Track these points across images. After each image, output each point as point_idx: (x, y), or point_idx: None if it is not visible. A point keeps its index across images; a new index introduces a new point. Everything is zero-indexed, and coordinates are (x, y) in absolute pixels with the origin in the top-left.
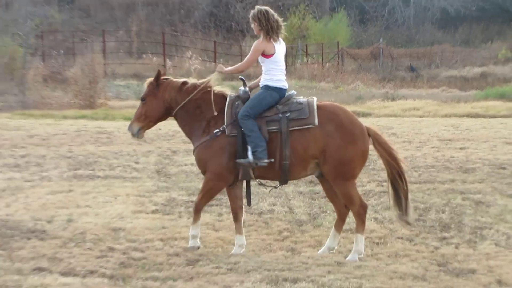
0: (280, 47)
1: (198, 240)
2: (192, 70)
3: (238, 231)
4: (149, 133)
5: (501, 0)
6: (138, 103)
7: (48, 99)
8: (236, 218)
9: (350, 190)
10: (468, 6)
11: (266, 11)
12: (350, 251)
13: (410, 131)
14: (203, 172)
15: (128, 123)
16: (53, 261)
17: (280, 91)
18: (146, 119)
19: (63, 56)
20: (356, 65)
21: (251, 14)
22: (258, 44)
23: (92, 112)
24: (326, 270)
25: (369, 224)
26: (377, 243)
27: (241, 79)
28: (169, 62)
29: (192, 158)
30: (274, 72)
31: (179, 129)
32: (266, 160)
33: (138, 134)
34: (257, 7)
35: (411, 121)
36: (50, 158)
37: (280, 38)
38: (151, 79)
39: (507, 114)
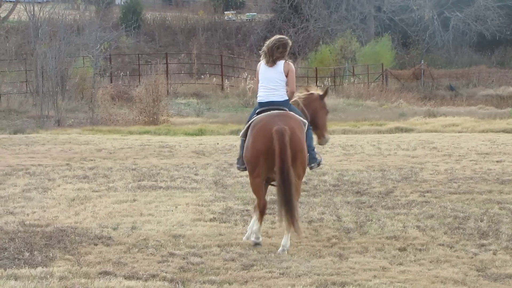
0: (267, 69)
1: None
2: (247, 89)
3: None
4: (208, 147)
5: None
6: (197, 119)
7: (115, 116)
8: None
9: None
10: (503, 30)
11: (269, 39)
12: (395, 256)
13: (450, 146)
14: None
15: (188, 138)
16: (117, 266)
17: (259, 104)
18: None
19: (129, 77)
20: (399, 85)
21: None
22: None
23: (155, 128)
24: (372, 274)
25: (412, 231)
26: (420, 250)
27: None
28: (226, 82)
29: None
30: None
31: (235, 143)
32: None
33: None
34: None
35: (451, 136)
36: (116, 170)
37: (279, 60)
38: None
39: None
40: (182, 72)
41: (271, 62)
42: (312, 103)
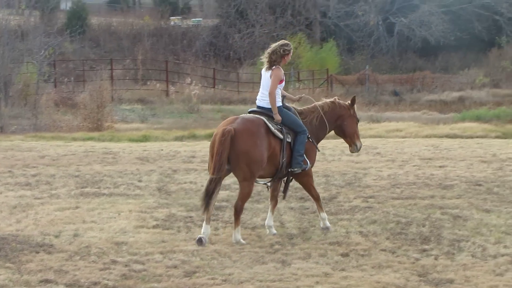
0: (265, 73)
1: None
2: (192, 95)
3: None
4: (152, 153)
5: (477, 30)
6: (142, 125)
7: (59, 122)
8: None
9: None
10: (447, 36)
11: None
12: (337, 262)
13: (393, 151)
14: None
15: (132, 144)
16: (59, 273)
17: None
18: None
19: (74, 83)
20: (344, 90)
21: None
22: None
23: (99, 134)
24: (314, 280)
25: (354, 237)
26: (362, 255)
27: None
28: (171, 88)
29: (192, 176)
30: None
31: (180, 149)
32: None
33: None
34: None
35: (395, 142)
36: (59, 177)
37: (273, 66)
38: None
39: (482, 135)
40: (127, 78)
41: (267, 67)
42: (336, 110)
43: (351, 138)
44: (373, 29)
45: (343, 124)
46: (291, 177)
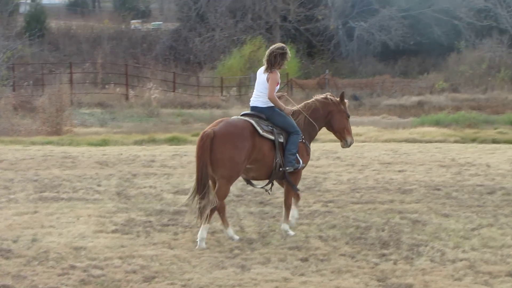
0: (261, 75)
1: None
2: (152, 99)
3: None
4: (111, 157)
5: (436, 35)
6: (101, 129)
7: (18, 126)
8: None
9: None
10: (407, 40)
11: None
12: (297, 267)
13: (353, 155)
14: None
15: (92, 148)
16: (17, 279)
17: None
18: None
19: (33, 87)
20: (304, 94)
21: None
22: None
23: (58, 138)
24: (273, 285)
25: (314, 242)
26: (321, 260)
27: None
28: (131, 92)
29: (151, 181)
30: None
31: (139, 153)
32: None
33: None
34: None
35: (354, 146)
36: (18, 182)
37: (272, 68)
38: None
39: (441, 139)
40: (87, 81)
41: (266, 69)
42: (326, 107)
43: (340, 133)
44: (333, 33)
45: (332, 120)
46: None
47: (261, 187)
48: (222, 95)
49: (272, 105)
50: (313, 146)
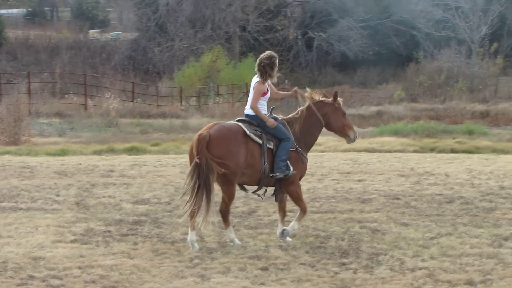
0: (253, 83)
1: None
2: (111, 109)
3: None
4: (70, 167)
5: (395, 45)
6: (60, 139)
7: None
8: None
9: None
10: (366, 50)
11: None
12: (257, 276)
13: (312, 165)
14: None
15: (50, 158)
16: None
17: None
18: None
19: None
20: None
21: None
22: None
23: (16, 148)
24: None
25: (274, 251)
26: (282, 269)
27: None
28: (90, 102)
29: (110, 191)
30: None
31: (98, 163)
32: None
33: None
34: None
35: (314, 156)
36: None
37: (264, 77)
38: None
39: (400, 149)
40: (45, 91)
41: (257, 77)
42: (321, 110)
43: (341, 131)
44: (292, 43)
45: (329, 121)
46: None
47: (253, 192)
48: (181, 105)
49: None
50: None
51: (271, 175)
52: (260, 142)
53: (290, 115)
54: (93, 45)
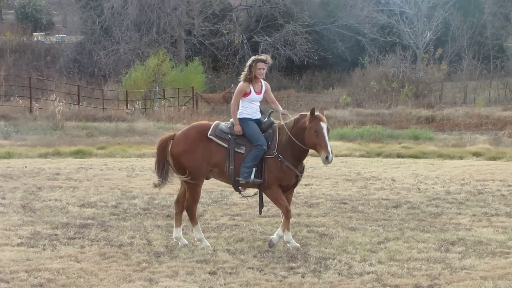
0: None
1: None
2: (56, 112)
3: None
4: (15, 170)
5: (340, 50)
6: (5, 142)
7: None
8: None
9: None
10: (311, 56)
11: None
12: (205, 280)
13: None
14: None
15: None
16: None
17: None
18: None
19: None
20: (210, 108)
21: (267, 59)
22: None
23: None
24: None
25: (222, 255)
26: (230, 273)
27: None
28: (35, 105)
29: (57, 194)
30: None
31: (44, 166)
32: None
33: None
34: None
35: None
36: None
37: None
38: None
39: (347, 154)
40: None
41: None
42: (299, 125)
43: (315, 149)
44: (238, 47)
45: (302, 137)
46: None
47: (243, 196)
48: (127, 108)
49: (243, 116)
50: None
51: (236, 178)
52: (224, 145)
53: (287, 121)
54: (37, 48)
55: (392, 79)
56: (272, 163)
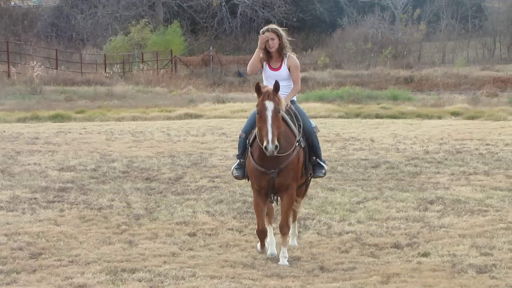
0: None
1: None
2: (34, 76)
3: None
4: None
5: (319, 12)
6: None
7: None
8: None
9: None
10: (290, 17)
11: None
12: (185, 242)
13: (238, 131)
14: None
15: None
16: None
17: None
18: None
19: None
20: (189, 71)
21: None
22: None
23: None
24: (162, 260)
25: (201, 217)
26: (209, 235)
27: None
28: (13, 69)
29: (36, 158)
30: None
31: (23, 131)
32: None
33: None
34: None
35: (239, 122)
36: None
37: None
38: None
39: (325, 115)
40: None
41: None
42: None
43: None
44: (216, 10)
45: None
46: None
47: None
48: (106, 72)
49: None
50: (198, 122)
51: None
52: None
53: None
54: (15, 12)
55: (371, 40)
56: (248, 160)
